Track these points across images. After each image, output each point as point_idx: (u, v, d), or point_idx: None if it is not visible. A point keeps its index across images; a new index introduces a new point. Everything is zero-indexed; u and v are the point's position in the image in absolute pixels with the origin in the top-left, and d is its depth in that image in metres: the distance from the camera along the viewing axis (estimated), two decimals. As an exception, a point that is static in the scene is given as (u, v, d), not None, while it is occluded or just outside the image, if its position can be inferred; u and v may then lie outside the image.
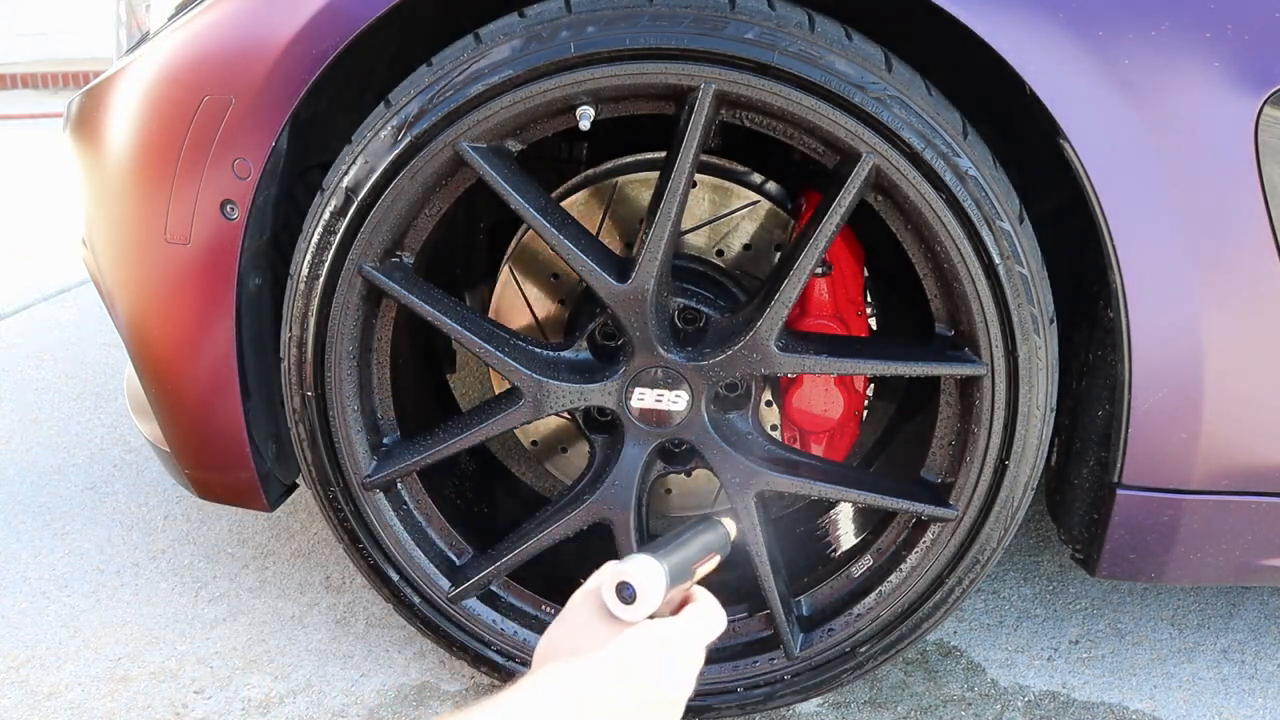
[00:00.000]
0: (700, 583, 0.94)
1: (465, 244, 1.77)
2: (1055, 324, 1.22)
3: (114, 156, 1.35)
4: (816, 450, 1.49)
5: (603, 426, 1.41)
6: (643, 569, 0.85)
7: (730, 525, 0.99)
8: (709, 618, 0.90)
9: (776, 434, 1.54)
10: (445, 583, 1.41)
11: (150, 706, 1.50)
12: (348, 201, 1.24)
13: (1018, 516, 1.28)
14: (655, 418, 1.31)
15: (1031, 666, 1.56)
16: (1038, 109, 1.12)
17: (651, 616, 0.86)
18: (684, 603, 0.92)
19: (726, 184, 1.50)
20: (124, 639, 1.64)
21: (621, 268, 1.25)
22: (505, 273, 1.57)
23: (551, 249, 1.26)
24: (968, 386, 1.25)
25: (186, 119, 1.27)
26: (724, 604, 1.39)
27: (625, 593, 0.84)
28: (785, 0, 1.16)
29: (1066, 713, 1.46)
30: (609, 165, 1.53)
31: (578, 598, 0.90)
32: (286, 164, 1.30)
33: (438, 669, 1.55)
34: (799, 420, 1.45)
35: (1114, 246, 1.14)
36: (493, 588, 1.43)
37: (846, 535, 1.54)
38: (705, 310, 1.34)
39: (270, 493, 1.47)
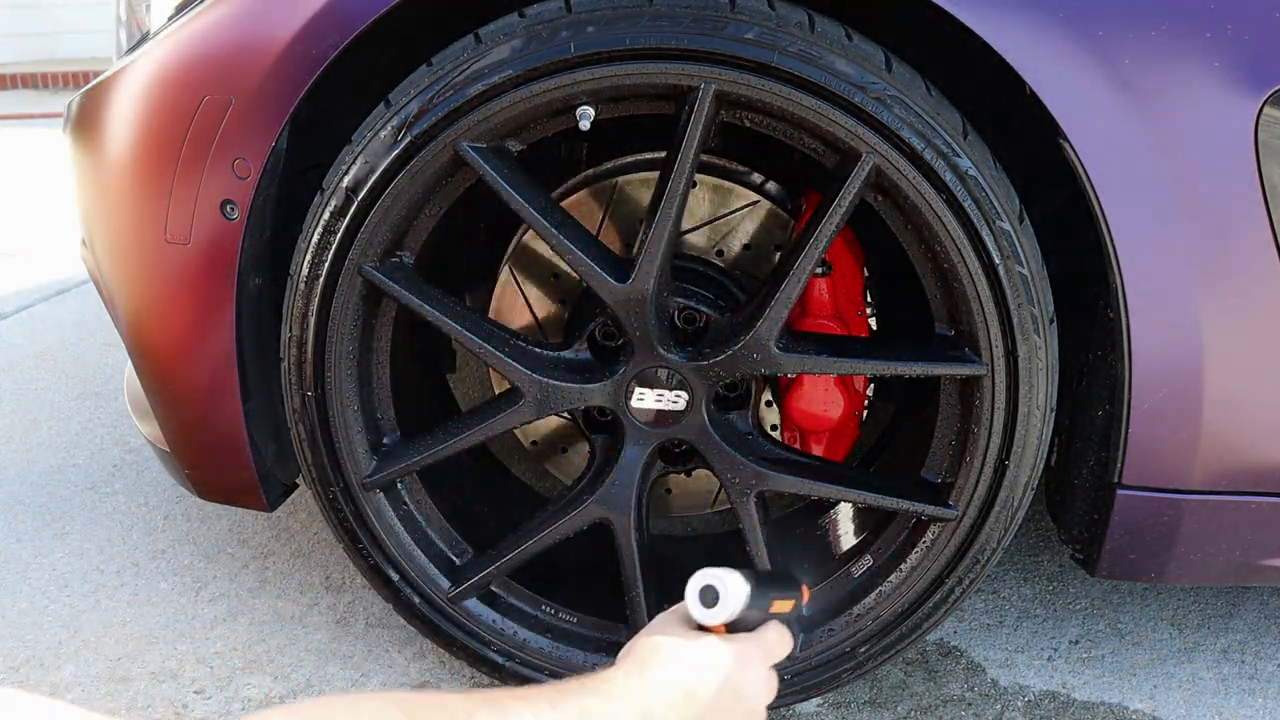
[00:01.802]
0: None
1: (465, 244, 1.77)
2: (1055, 324, 1.22)
3: (114, 156, 1.35)
4: (816, 450, 1.49)
5: (603, 427, 1.41)
6: (727, 576, 0.88)
7: (807, 593, 1.03)
8: (782, 637, 0.94)
9: (776, 434, 1.54)
10: (445, 583, 1.41)
11: (150, 706, 1.50)
12: (348, 201, 1.24)
13: (1018, 516, 1.28)
14: (655, 418, 1.31)
15: (1031, 666, 1.56)
16: (1038, 109, 1.12)
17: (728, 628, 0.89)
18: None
19: (726, 184, 1.50)
20: (124, 639, 1.64)
21: (621, 268, 1.24)
22: (505, 273, 1.57)
23: (551, 249, 1.26)
24: (968, 386, 1.25)
25: (186, 119, 1.27)
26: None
27: (709, 596, 0.87)
28: (785, 0, 1.16)
29: (1066, 713, 1.46)
30: (609, 165, 1.53)
31: (668, 612, 0.92)
32: (286, 164, 1.30)
33: (437, 669, 1.55)
34: (799, 420, 1.45)
35: (1114, 246, 1.14)
36: (493, 588, 1.43)
37: (846, 535, 1.54)
38: (705, 310, 1.34)
39: (270, 493, 1.47)
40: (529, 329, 1.58)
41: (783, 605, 0.97)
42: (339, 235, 1.25)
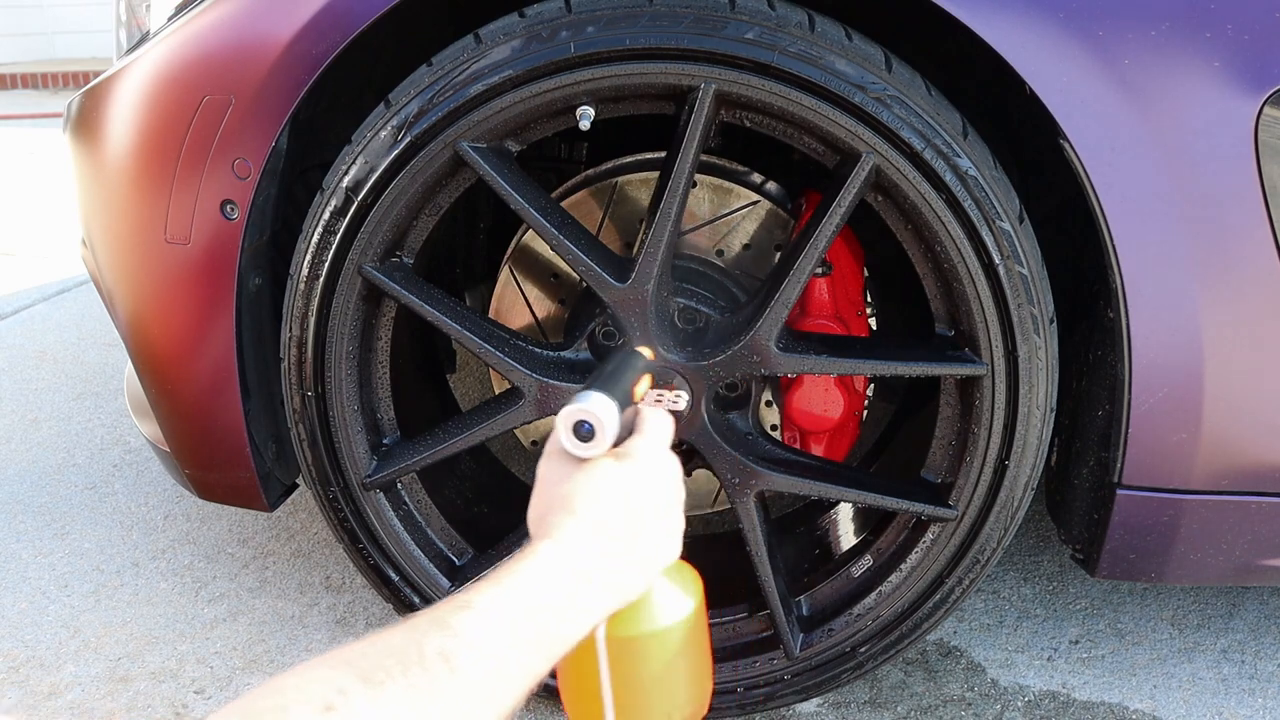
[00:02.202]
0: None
1: (465, 244, 1.77)
2: (1055, 324, 1.22)
3: (114, 156, 1.35)
4: (817, 450, 1.49)
5: (603, 426, 1.41)
6: (593, 403, 0.85)
7: (645, 349, 1.02)
8: (658, 421, 0.94)
9: (776, 434, 1.54)
10: (446, 582, 1.41)
11: (150, 706, 1.50)
12: (348, 201, 1.24)
13: (1018, 516, 1.28)
14: (655, 418, 1.31)
15: (1031, 666, 1.56)
16: (1038, 109, 1.12)
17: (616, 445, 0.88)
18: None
19: (726, 184, 1.50)
20: (124, 639, 1.64)
21: (621, 268, 1.24)
22: (505, 273, 1.57)
23: (551, 249, 1.26)
24: (968, 386, 1.25)
25: (186, 119, 1.27)
26: (724, 604, 1.42)
27: (583, 430, 0.85)
28: (785, 0, 1.16)
29: (1066, 713, 1.46)
30: (609, 165, 1.53)
31: (543, 461, 0.90)
32: (286, 164, 1.30)
33: (438, 669, 1.55)
34: (799, 420, 1.45)
35: (1114, 246, 1.14)
36: (493, 588, 1.43)
37: (846, 535, 1.54)
38: (705, 310, 1.34)
39: (270, 493, 1.47)
40: (529, 329, 1.58)
41: (643, 384, 0.95)
42: (339, 235, 1.25)
